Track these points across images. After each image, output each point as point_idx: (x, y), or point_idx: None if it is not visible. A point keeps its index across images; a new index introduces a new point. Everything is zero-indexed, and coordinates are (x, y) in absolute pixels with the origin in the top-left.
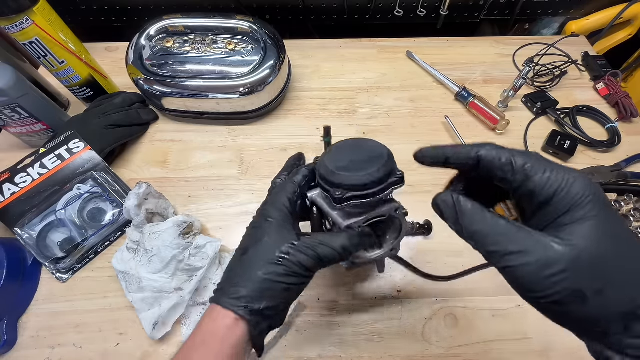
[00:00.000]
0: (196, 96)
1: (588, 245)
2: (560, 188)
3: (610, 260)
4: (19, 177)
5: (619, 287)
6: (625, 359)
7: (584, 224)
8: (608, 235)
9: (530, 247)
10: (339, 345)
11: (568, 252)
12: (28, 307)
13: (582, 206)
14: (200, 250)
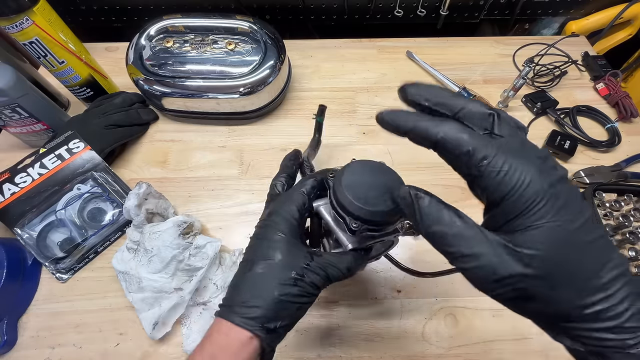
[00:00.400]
0: (196, 96)
1: (538, 256)
2: (512, 191)
3: (558, 269)
4: (19, 177)
5: (566, 291)
6: (577, 344)
7: (538, 230)
8: (559, 245)
9: (483, 252)
10: (339, 345)
11: (520, 258)
12: (28, 307)
13: (533, 212)
14: (200, 250)
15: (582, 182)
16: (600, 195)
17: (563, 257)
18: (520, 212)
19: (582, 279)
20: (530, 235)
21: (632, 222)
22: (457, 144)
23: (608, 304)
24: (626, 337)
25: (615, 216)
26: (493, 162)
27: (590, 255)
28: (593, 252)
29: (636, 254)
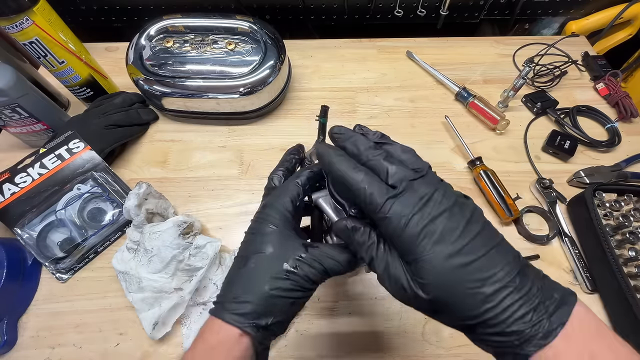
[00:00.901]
0: (196, 96)
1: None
2: (395, 233)
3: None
4: (19, 177)
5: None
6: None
7: (421, 264)
8: (443, 270)
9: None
10: (339, 345)
11: (417, 288)
12: (28, 307)
13: (416, 247)
14: (200, 250)
15: (582, 182)
16: (600, 195)
17: (447, 280)
18: (408, 248)
19: (468, 295)
20: (419, 267)
21: (632, 222)
22: (356, 189)
23: (493, 313)
24: (512, 339)
25: (615, 216)
26: (383, 209)
27: (469, 274)
28: (472, 272)
29: (636, 254)
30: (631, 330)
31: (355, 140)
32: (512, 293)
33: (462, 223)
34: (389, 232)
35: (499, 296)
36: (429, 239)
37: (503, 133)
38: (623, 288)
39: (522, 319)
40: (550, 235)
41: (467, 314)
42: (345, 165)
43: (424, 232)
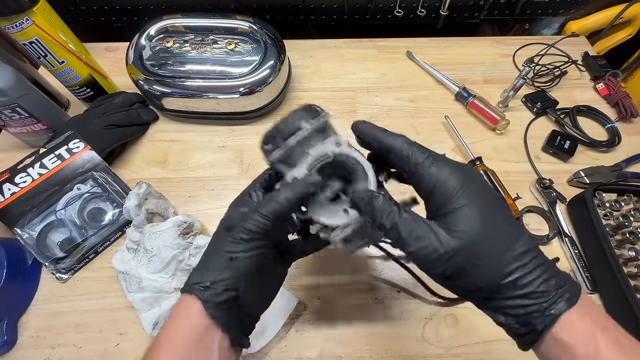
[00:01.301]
0: (196, 96)
1: (464, 231)
2: (438, 184)
3: (481, 241)
4: (19, 177)
5: (489, 261)
6: (507, 318)
7: (459, 212)
8: (478, 220)
9: (425, 236)
10: (339, 345)
11: (450, 239)
12: (28, 307)
13: (455, 198)
14: (200, 250)
15: (582, 182)
16: (600, 195)
17: (484, 229)
18: (446, 200)
19: (501, 249)
20: (457, 216)
21: (632, 222)
22: (399, 150)
23: (523, 272)
24: (541, 300)
25: (615, 216)
26: (425, 163)
27: (504, 230)
28: (507, 228)
29: (636, 254)
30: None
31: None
32: (537, 257)
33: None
34: (430, 185)
35: (528, 256)
36: (470, 191)
37: (503, 133)
38: (623, 288)
39: (547, 281)
40: (550, 235)
41: (496, 273)
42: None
43: (466, 184)
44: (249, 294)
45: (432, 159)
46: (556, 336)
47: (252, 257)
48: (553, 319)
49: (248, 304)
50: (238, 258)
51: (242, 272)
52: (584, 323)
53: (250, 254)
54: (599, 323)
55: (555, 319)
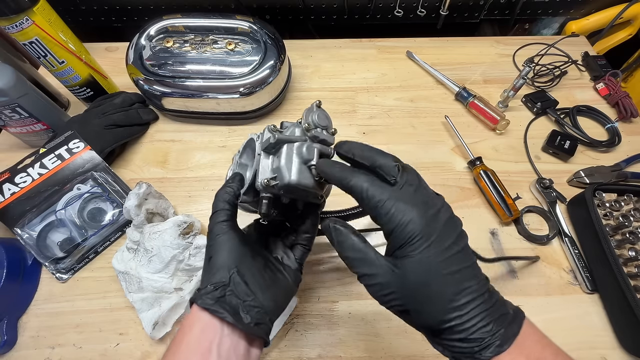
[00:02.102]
0: (196, 96)
1: (411, 277)
2: (395, 229)
3: (424, 289)
4: (19, 177)
5: (431, 309)
6: (445, 351)
7: (411, 260)
8: (426, 270)
9: (376, 272)
10: (339, 345)
11: (399, 280)
12: (28, 307)
13: (409, 245)
14: (200, 250)
15: (582, 182)
16: (600, 195)
17: (429, 281)
18: (401, 244)
19: (443, 300)
20: (406, 262)
21: (632, 222)
22: (359, 191)
23: (460, 321)
24: (473, 345)
25: (615, 216)
26: (385, 205)
27: (450, 282)
28: (454, 280)
29: (636, 254)
30: (631, 330)
31: (359, 148)
32: (480, 305)
33: (455, 233)
34: (389, 228)
35: (470, 306)
36: (425, 240)
37: (503, 133)
38: (623, 288)
39: (484, 328)
40: (550, 235)
41: (436, 319)
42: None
43: (422, 232)
44: (245, 282)
45: (393, 200)
46: None
47: (229, 234)
48: None
49: (247, 293)
50: (216, 241)
51: (226, 259)
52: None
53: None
54: (533, 358)
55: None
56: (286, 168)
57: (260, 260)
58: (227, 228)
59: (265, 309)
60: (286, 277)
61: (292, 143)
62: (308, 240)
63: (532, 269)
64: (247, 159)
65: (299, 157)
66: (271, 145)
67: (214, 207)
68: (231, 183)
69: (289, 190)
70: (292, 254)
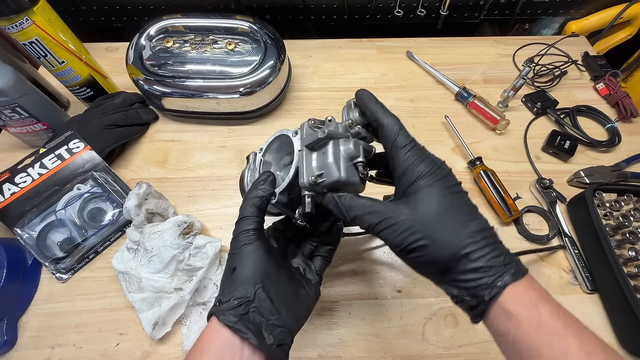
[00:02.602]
0: (196, 96)
1: (424, 207)
2: (410, 167)
3: (439, 219)
4: (19, 177)
5: (446, 236)
6: (460, 290)
7: (422, 191)
8: (438, 199)
9: (391, 215)
10: (339, 345)
11: (412, 214)
12: (28, 307)
13: (421, 180)
14: (200, 250)
15: (582, 182)
16: (600, 195)
17: (442, 208)
18: (413, 180)
19: (456, 227)
20: (419, 195)
21: (632, 222)
22: (389, 129)
23: (474, 248)
24: (489, 274)
25: (615, 216)
26: (405, 147)
27: (460, 212)
28: (463, 211)
29: (636, 254)
30: (631, 330)
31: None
32: (490, 236)
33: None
34: (403, 166)
35: (480, 235)
36: (435, 177)
37: (503, 133)
38: (623, 288)
39: (497, 258)
40: (550, 235)
41: (451, 248)
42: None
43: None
44: (270, 299)
45: (411, 146)
46: (502, 306)
47: (255, 244)
48: (499, 290)
49: (271, 311)
50: (242, 251)
51: (252, 273)
52: (528, 295)
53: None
54: (542, 296)
55: (501, 290)
56: (335, 165)
57: (284, 275)
58: (254, 237)
59: (288, 328)
60: (308, 293)
61: (337, 139)
62: (330, 252)
63: (532, 269)
64: (270, 156)
65: (346, 153)
66: (317, 141)
67: (242, 213)
68: (262, 185)
69: (335, 188)
70: (312, 265)
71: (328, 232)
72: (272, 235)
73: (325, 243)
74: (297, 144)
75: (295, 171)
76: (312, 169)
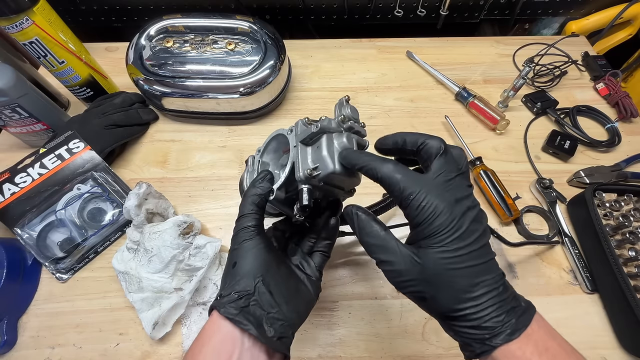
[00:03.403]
0: (196, 96)
1: (430, 267)
2: (424, 222)
3: (443, 278)
4: (19, 177)
5: (447, 298)
6: (455, 335)
7: (434, 251)
8: (447, 262)
9: (395, 259)
10: (339, 345)
11: (419, 269)
12: (28, 307)
13: (435, 238)
14: (200, 250)
15: (582, 182)
16: (600, 195)
17: (447, 273)
18: (427, 236)
19: (458, 290)
20: (428, 252)
21: (632, 222)
22: (391, 182)
23: (474, 310)
24: (484, 332)
25: (615, 216)
26: (416, 198)
27: (468, 274)
28: (472, 273)
29: (636, 254)
30: (631, 330)
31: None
32: (494, 297)
33: (480, 229)
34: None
35: (484, 298)
36: (451, 234)
37: (503, 133)
38: (623, 288)
39: (496, 318)
40: (550, 235)
41: (452, 307)
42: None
43: (450, 227)
44: (270, 292)
45: (424, 193)
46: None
47: (255, 240)
48: (490, 348)
49: (271, 304)
50: (242, 246)
51: (252, 267)
52: (522, 351)
53: (252, 235)
54: (541, 347)
55: (492, 349)
56: (329, 157)
57: (284, 270)
58: (254, 233)
59: (288, 321)
60: (308, 288)
61: (331, 133)
62: (328, 247)
63: (532, 269)
64: (268, 157)
65: (340, 146)
66: (311, 136)
67: (241, 210)
68: (260, 183)
69: (330, 181)
70: (312, 261)
71: (325, 227)
72: (273, 235)
73: (323, 238)
74: (293, 140)
75: (291, 166)
76: (307, 162)
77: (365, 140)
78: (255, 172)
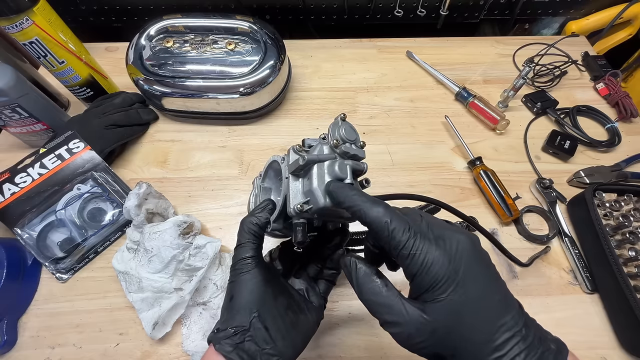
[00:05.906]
0: (196, 96)
1: (442, 323)
2: (419, 272)
3: (458, 333)
4: (19, 177)
5: (465, 352)
6: None
7: (440, 304)
8: (457, 313)
9: (402, 320)
10: (339, 345)
11: (429, 327)
12: (28, 307)
13: (436, 289)
14: (200, 250)
15: (582, 182)
16: (600, 195)
17: (463, 322)
18: (427, 288)
19: (479, 342)
20: (435, 307)
21: (632, 222)
22: (381, 228)
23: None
24: None
25: (615, 216)
26: (407, 245)
27: (485, 321)
28: (488, 319)
29: (636, 254)
30: (631, 330)
31: None
32: (519, 342)
33: (481, 264)
34: (413, 269)
35: (508, 345)
36: (451, 281)
37: (503, 133)
38: (623, 288)
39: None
40: (550, 235)
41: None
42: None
43: (448, 273)
44: (266, 327)
45: (414, 240)
46: None
47: (252, 272)
48: None
49: (266, 340)
50: (239, 279)
51: (247, 301)
52: None
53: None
54: None
55: None
56: (319, 190)
57: (283, 301)
58: (252, 265)
59: (283, 357)
60: (308, 318)
61: (322, 162)
62: (334, 276)
63: (532, 269)
64: (270, 182)
65: (331, 177)
66: (300, 167)
67: (239, 240)
68: (259, 213)
69: (324, 214)
70: (317, 287)
71: (330, 258)
72: (278, 256)
73: (329, 268)
74: (285, 170)
75: (283, 199)
76: (298, 196)
77: (362, 164)
78: (258, 197)
